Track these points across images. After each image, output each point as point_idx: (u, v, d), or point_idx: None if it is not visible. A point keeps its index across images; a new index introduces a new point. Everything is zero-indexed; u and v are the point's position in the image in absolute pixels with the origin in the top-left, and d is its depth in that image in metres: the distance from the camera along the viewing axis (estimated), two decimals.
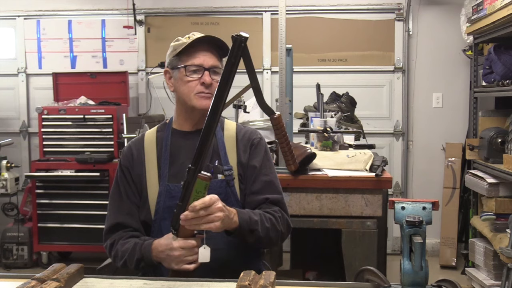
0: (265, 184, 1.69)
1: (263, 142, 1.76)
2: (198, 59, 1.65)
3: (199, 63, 1.64)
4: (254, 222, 1.56)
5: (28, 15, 4.84)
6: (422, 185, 4.59)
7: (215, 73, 1.66)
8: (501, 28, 3.28)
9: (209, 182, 1.39)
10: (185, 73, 1.65)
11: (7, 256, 4.27)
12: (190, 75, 1.65)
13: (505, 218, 3.11)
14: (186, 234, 1.45)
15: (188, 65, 1.65)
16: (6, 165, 4.16)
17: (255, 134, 1.77)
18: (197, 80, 1.64)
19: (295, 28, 4.42)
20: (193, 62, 1.65)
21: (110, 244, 1.67)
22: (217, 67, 1.66)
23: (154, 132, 1.77)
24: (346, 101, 3.53)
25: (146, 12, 4.74)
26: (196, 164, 1.38)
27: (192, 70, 1.65)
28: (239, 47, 1.36)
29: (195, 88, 1.65)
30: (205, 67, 1.64)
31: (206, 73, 1.64)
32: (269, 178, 1.71)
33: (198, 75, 1.64)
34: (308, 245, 3.51)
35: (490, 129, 3.55)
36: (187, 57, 1.65)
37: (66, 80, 4.60)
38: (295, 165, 2.41)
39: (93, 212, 4.04)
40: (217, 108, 1.37)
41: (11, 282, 1.37)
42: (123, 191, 1.70)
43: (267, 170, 1.72)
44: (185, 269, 1.46)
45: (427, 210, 1.24)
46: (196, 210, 1.37)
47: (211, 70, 1.65)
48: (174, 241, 1.46)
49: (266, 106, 1.45)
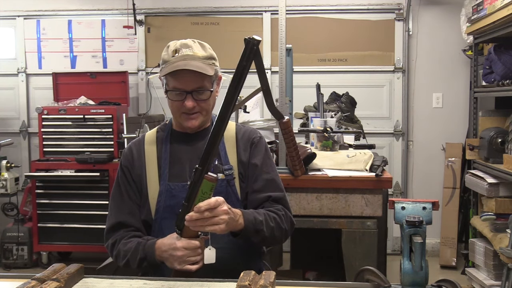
0: (267, 182, 1.69)
1: (263, 140, 1.77)
2: (180, 82, 1.60)
3: (180, 87, 1.61)
4: (259, 223, 1.56)
5: (28, 15, 4.84)
6: (422, 185, 4.59)
7: (200, 94, 1.62)
8: (501, 28, 3.28)
9: (215, 183, 1.39)
10: (169, 95, 1.64)
11: (7, 256, 4.27)
12: (173, 97, 1.63)
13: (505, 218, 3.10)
14: (190, 234, 1.45)
15: (170, 90, 1.63)
16: (6, 165, 4.17)
17: (254, 133, 1.77)
18: (182, 102, 1.62)
19: (295, 28, 4.42)
20: (175, 85, 1.61)
21: (112, 243, 1.67)
22: (200, 88, 1.62)
23: (154, 132, 1.78)
24: (346, 101, 3.53)
25: (146, 12, 4.74)
26: (203, 165, 1.38)
27: (175, 94, 1.63)
28: (251, 50, 1.33)
29: (180, 109, 1.64)
30: (187, 91, 1.61)
31: (188, 97, 1.61)
32: (270, 176, 1.71)
33: (182, 97, 1.62)
34: (308, 245, 3.51)
35: (490, 129, 3.55)
36: (171, 78, 1.62)
37: (66, 80, 4.60)
38: (302, 170, 2.40)
39: (93, 212, 4.04)
40: (226, 111, 1.36)
41: (11, 282, 1.37)
42: (124, 191, 1.70)
43: (269, 168, 1.72)
44: (187, 269, 1.46)
45: (427, 210, 1.24)
46: (201, 211, 1.37)
47: (194, 93, 1.61)
48: (177, 241, 1.46)
49: (275, 109, 1.43)
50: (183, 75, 1.59)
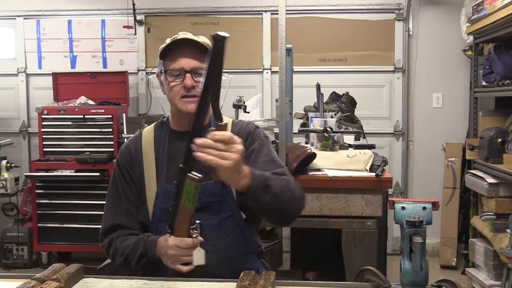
0: (267, 162, 1.63)
1: (259, 130, 1.73)
2: (179, 62, 1.61)
3: (180, 67, 1.61)
4: (267, 177, 1.49)
5: (28, 15, 4.84)
6: (422, 185, 4.59)
7: (198, 75, 1.61)
8: (501, 28, 3.28)
9: (199, 184, 1.36)
10: (168, 78, 1.63)
11: (7, 256, 4.27)
12: (173, 80, 1.63)
13: (505, 218, 3.11)
14: (181, 234, 1.44)
15: (169, 69, 1.63)
16: (6, 165, 4.17)
17: (250, 125, 1.73)
18: (180, 83, 1.61)
19: (295, 28, 4.42)
20: (174, 66, 1.62)
21: (108, 242, 1.66)
22: (199, 68, 1.61)
23: (152, 131, 1.75)
24: (346, 101, 3.53)
25: (146, 12, 4.74)
26: (185, 164, 1.37)
27: (175, 74, 1.62)
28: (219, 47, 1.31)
29: (179, 92, 1.62)
30: (186, 70, 1.61)
31: (187, 76, 1.60)
32: (270, 157, 1.65)
33: (181, 78, 1.61)
34: (308, 245, 3.51)
35: (490, 129, 3.55)
36: (169, 62, 1.63)
37: (66, 80, 4.60)
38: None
39: (93, 212, 4.03)
40: (203, 107, 1.34)
41: (11, 282, 1.37)
42: (121, 191, 1.69)
43: (266, 151, 1.67)
44: (178, 269, 1.44)
45: (427, 210, 1.24)
46: (215, 139, 1.30)
47: (193, 72, 1.61)
48: (170, 239, 1.46)
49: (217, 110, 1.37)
50: (181, 55, 1.61)
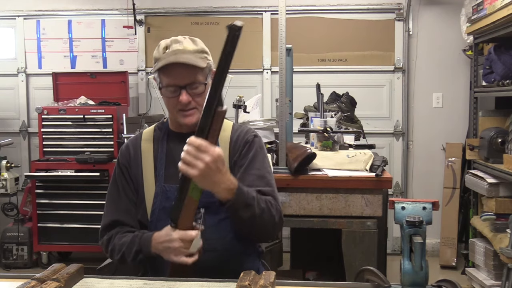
0: (257, 178, 1.63)
1: (257, 139, 1.72)
2: (173, 78, 1.59)
3: (174, 83, 1.59)
4: (251, 198, 1.51)
5: (28, 15, 4.84)
6: (422, 185, 4.59)
7: (194, 88, 1.60)
8: (501, 28, 3.28)
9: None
10: (164, 92, 1.62)
11: (7, 256, 4.27)
12: (168, 95, 1.61)
13: (505, 218, 3.10)
14: (185, 226, 1.45)
15: (164, 87, 1.61)
16: (6, 165, 4.17)
17: (249, 133, 1.73)
18: (177, 98, 1.60)
19: (295, 28, 4.42)
20: (169, 82, 1.60)
21: (107, 239, 1.67)
22: (194, 82, 1.59)
23: (152, 131, 1.76)
24: (346, 101, 3.53)
25: (146, 12, 4.74)
26: None
27: (170, 90, 1.61)
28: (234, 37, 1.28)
29: (176, 105, 1.61)
30: (181, 86, 1.59)
31: (183, 92, 1.59)
32: (261, 173, 1.65)
33: (176, 94, 1.60)
34: (308, 245, 3.51)
35: (490, 129, 3.55)
36: (164, 76, 1.60)
37: (66, 80, 4.60)
38: None
39: (93, 212, 4.03)
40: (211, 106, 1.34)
41: (11, 282, 1.37)
42: (121, 189, 1.69)
43: (259, 165, 1.66)
44: (183, 261, 1.45)
45: (427, 210, 1.24)
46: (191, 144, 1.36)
47: (188, 87, 1.59)
48: (174, 232, 1.46)
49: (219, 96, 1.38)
50: (175, 70, 1.58)
